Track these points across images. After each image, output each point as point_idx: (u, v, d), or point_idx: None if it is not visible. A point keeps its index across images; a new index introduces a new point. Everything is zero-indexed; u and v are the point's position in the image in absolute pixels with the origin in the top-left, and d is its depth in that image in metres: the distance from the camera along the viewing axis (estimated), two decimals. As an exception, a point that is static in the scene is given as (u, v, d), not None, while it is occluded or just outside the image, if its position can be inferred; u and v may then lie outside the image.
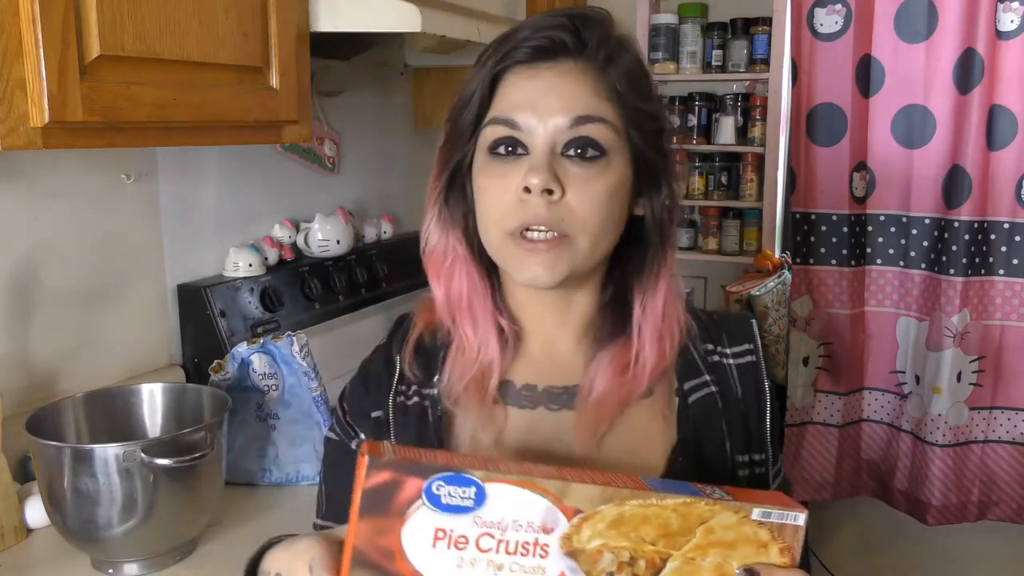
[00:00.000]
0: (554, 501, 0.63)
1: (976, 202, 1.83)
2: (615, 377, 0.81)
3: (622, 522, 0.64)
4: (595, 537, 0.63)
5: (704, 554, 0.65)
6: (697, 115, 2.44)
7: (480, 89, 0.78)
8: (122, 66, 1.02)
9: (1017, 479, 1.94)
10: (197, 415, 1.27)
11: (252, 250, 1.67)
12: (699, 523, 0.65)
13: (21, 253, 1.33)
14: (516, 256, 0.77)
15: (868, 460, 2.06)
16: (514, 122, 0.77)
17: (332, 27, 1.35)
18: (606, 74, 0.78)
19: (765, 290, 2.10)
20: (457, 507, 0.62)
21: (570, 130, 0.76)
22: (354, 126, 2.01)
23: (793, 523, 0.67)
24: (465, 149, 0.81)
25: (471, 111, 0.79)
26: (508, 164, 0.77)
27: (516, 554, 0.62)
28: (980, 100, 1.79)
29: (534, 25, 0.79)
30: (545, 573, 0.63)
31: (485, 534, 0.62)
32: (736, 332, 0.87)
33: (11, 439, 1.18)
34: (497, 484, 0.62)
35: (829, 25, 1.87)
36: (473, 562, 0.62)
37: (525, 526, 0.62)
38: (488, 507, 0.62)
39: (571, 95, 0.76)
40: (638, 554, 0.64)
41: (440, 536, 0.62)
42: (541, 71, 0.77)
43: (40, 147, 0.95)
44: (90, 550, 1.15)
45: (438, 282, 0.84)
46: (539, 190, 0.74)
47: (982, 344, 1.90)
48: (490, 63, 0.79)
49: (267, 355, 1.41)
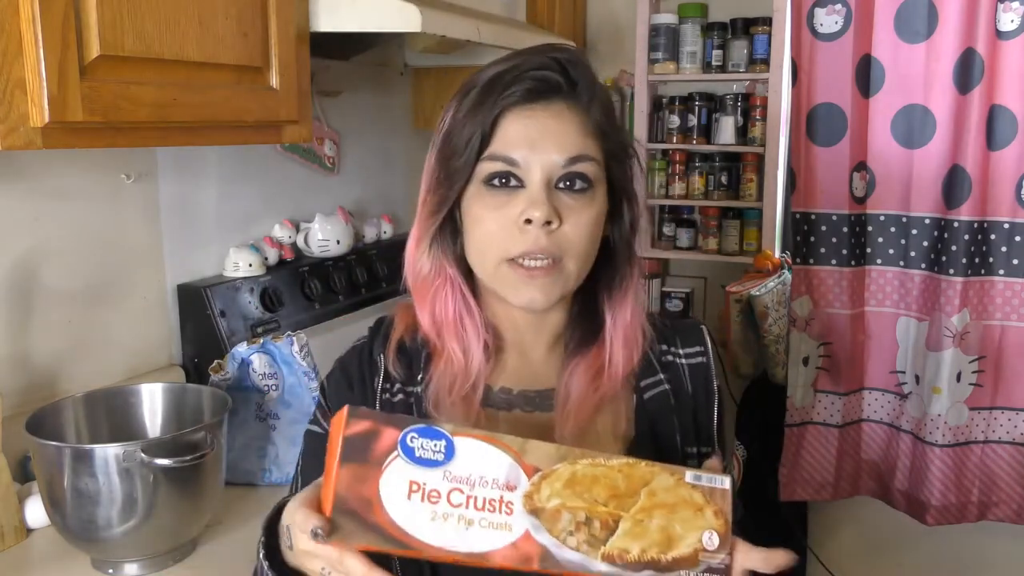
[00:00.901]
0: (515, 458, 0.70)
1: (976, 202, 1.83)
2: (590, 383, 0.88)
3: (575, 482, 0.71)
4: (553, 496, 0.70)
5: (650, 516, 0.72)
6: (697, 115, 2.44)
7: (481, 130, 0.82)
8: (122, 66, 1.02)
9: (1017, 479, 1.94)
10: (197, 415, 1.27)
11: (252, 250, 1.67)
12: (642, 485, 0.73)
13: (21, 253, 1.33)
14: (512, 281, 0.84)
15: (868, 460, 2.06)
16: (512, 160, 0.82)
17: (332, 27, 1.35)
18: (590, 113, 0.85)
19: (765, 290, 2.10)
20: (429, 460, 0.67)
21: (564, 167, 0.82)
22: (354, 126, 2.01)
23: (721, 487, 0.74)
24: (462, 185, 0.84)
25: (471, 150, 0.83)
26: (504, 196, 0.83)
27: (484, 510, 0.68)
28: (980, 100, 1.79)
29: (523, 67, 0.83)
30: (512, 530, 0.68)
31: (455, 489, 0.67)
32: (689, 336, 0.96)
33: (11, 439, 1.18)
34: (464, 438, 0.69)
35: (829, 25, 1.87)
36: (445, 516, 0.67)
37: (491, 483, 0.68)
38: (457, 462, 0.68)
39: (565, 135, 0.83)
40: (592, 515, 0.70)
41: (415, 489, 0.66)
42: (536, 111, 0.83)
43: (40, 147, 0.96)
44: (90, 550, 1.15)
45: (425, 304, 0.90)
46: (541, 223, 0.80)
47: (982, 344, 1.90)
48: (487, 105, 0.82)
49: (267, 355, 1.41)
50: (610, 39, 2.62)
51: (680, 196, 2.51)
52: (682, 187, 2.50)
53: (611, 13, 2.60)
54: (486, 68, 0.85)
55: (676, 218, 2.57)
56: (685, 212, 2.58)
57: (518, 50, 0.87)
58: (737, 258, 2.47)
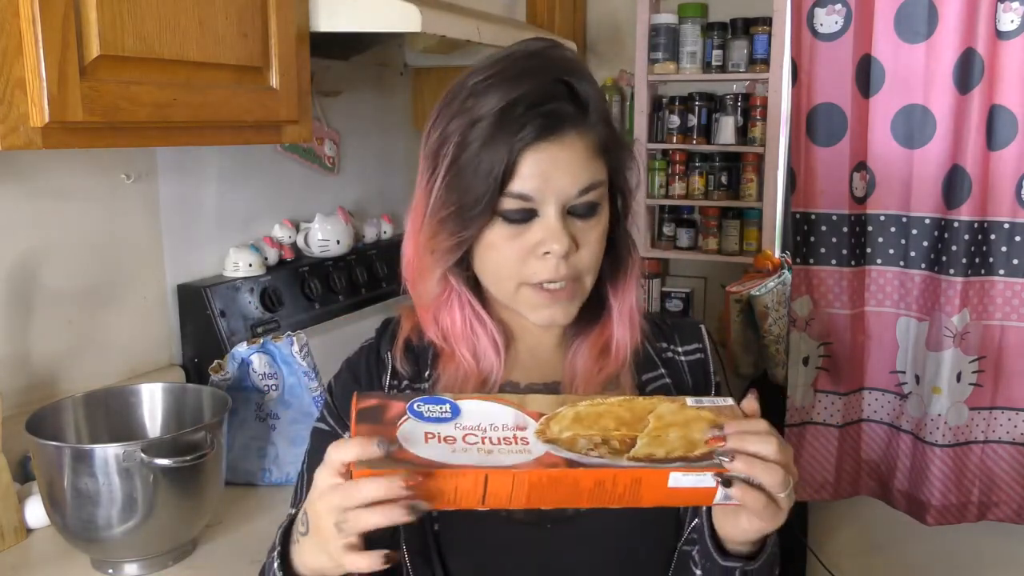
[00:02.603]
0: (518, 408, 0.73)
1: (976, 202, 1.83)
2: (595, 362, 0.90)
3: (581, 419, 0.73)
4: (565, 431, 0.72)
5: (666, 432, 0.73)
6: (697, 115, 2.44)
7: (502, 169, 0.81)
8: (122, 66, 1.02)
9: (1017, 479, 1.94)
10: (197, 415, 1.27)
11: (252, 250, 1.67)
12: (647, 413, 0.74)
13: (21, 253, 1.33)
14: (533, 302, 0.86)
15: (868, 460, 2.06)
16: (528, 196, 0.82)
17: (332, 27, 1.35)
18: (597, 132, 0.85)
19: (765, 290, 2.10)
20: (438, 418, 0.71)
21: (577, 197, 0.84)
22: (354, 126, 2.01)
23: (725, 403, 0.77)
24: (482, 220, 0.83)
25: (491, 192, 0.82)
26: (520, 226, 0.84)
27: (500, 444, 0.70)
28: (980, 100, 1.79)
29: (533, 99, 0.81)
30: (531, 452, 0.70)
31: (468, 433, 0.71)
32: (687, 334, 0.98)
33: (11, 439, 1.18)
34: (467, 400, 0.73)
35: (829, 25, 1.87)
36: (465, 449, 0.69)
37: (501, 427, 0.71)
38: (464, 416, 0.72)
39: (578, 166, 0.83)
40: (608, 437, 0.72)
41: (430, 436, 0.70)
42: (549, 147, 0.82)
43: (40, 147, 0.96)
44: (90, 550, 1.15)
45: (431, 317, 0.90)
46: (560, 255, 0.82)
47: (982, 344, 1.90)
48: (501, 142, 0.80)
49: (267, 355, 1.41)
50: (610, 39, 2.62)
51: (680, 196, 2.51)
52: (682, 187, 2.50)
53: (611, 13, 2.60)
54: (484, 86, 0.82)
55: (676, 218, 2.57)
56: (685, 212, 2.58)
57: (517, 61, 0.84)
58: (737, 258, 2.47)
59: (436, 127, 0.86)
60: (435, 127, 0.86)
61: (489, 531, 0.86)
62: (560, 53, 0.87)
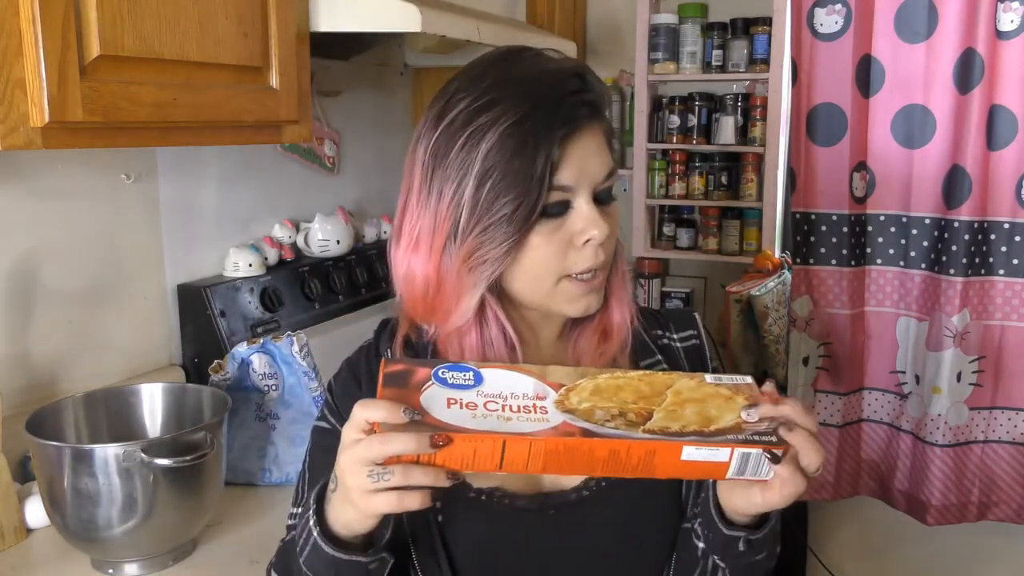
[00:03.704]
0: (538, 378, 0.76)
1: (976, 202, 1.83)
2: (596, 346, 0.92)
3: (600, 391, 0.75)
4: (583, 402, 0.74)
5: (682, 407, 0.74)
6: (697, 115, 2.44)
7: (544, 164, 0.81)
8: (122, 66, 1.02)
9: (1017, 479, 1.94)
10: (197, 415, 1.27)
11: (252, 250, 1.67)
12: (666, 388, 0.76)
13: (21, 253, 1.33)
14: (572, 294, 0.87)
15: (868, 460, 2.06)
16: (569, 187, 0.84)
17: (332, 27, 1.35)
18: (606, 121, 0.88)
19: (765, 290, 2.10)
20: (461, 385, 0.74)
21: (603, 184, 0.87)
22: (354, 126, 2.01)
23: (744, 382, 0.78)
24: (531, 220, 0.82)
25: (540, 184, 0.81)
26: (558, 220, 0.84)
27: (520, 412, 0.72)
28: (980, 100, 1.79)
29: (558, 94, 0.83)
30: (549, 421, 0.71)
31: (489, 401, 0.73)
32: (680, 321, 1.01)
33: (11, 439, 1.18)
34: (489, 369, 0.76)
35: (829, 25, 1.87)
36: (485, 416, 0.71)
37: (521, 396, 0.74)
38: (486, 384, 0.74)
39: (601, 154, 0.86)
40: (625, 409, 0.73)
41: (452, 402, 0.72)
42: (582, 136, 0.84)
43: (40, 147, 0.96)
44: (90, 550, 1.15)
45: (458, 342, 0.88)
46: (601, 240, 0.85)
47: (982, 344, 1.90)
48: (543, 138, 0.80)
49: (267, 355, 1.41)
50: (610, 39, 2.62)
51: (680, 196, 2.51)
52: (682, 187, 2.50)
53: (611, 13, 2.60)
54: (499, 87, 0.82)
55: (676, 218, 2.57)
56: (685, 212, 2.58)
57: (502, 57, 0.86)
58: (737, 258, 2.47)
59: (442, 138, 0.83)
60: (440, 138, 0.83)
61: (492, 518, 0.87)
62: (564, 60, 0.89)
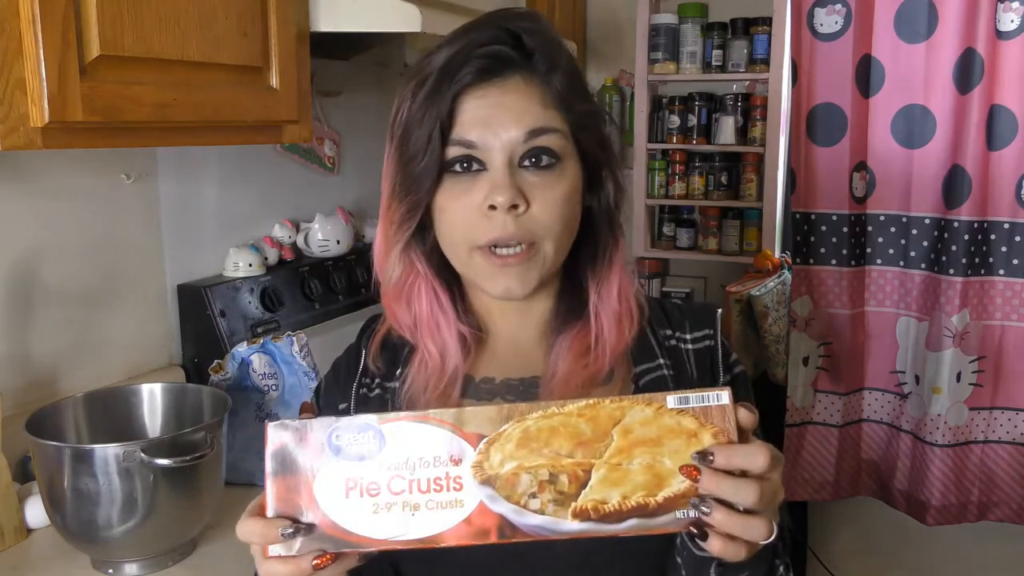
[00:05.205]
0: (453, 430, 0.62)
1: (976, 202, 1.83)
2: (576, 360, 0.83)
3: (530, 439, 0.62)
4: (507, 460, 0.62)
5: (629, 457, 0.61)
6: (697, 115, 2.44)
7: (439, 123, 0.77)
8: (122, 66, 1.02)
9: (1017, 479, 1.94)
10: (197, 415, 1.27)
11: (252, 250, 1.67)
12: (613, 425, 0.62)
13: (21, 253, 1.33)
14: (487, 271, 0.80)
15: (868, 460, 2.06)
16: (470, 142, 0.78)
17: (332, 27, 1.35)
18: (550, 83, 0.80)
19: (765, 290, 2.10)
20: (359, 456, 0.63)
21: (525, 143, 0.78)
22: (354, 126, 2.01)
23: (717, 403, 0.62)
24: (431, 185, 0.80)
25: (433, 149, 0.78)
26: (468, 181, 0.79)
27: (430, 491, 0.62)
28: (980, 100, 1.79)
29: (472, 45, 0.78)
30: (464, 505, 0.62)
31: (395, 476, 0.62)
32: (698, 319, 0.90)
33: (11, 439, 1.18)
34: (393, 423, 0.63)
35: (829, 25, 1.87)
36: (389, 506, 0.62)
37: (432, 461, 0.62)
38: (390, 448, 0.63)
39: (522, 109, 0.78)
40: (557, 470, 0.61)
41: (351, 486, 0.62)
42: (490, 90, 0.78)
43: (40, 147, 0.95)
44: (90, 550, 1.15)
45: (399, 306, 0.86)
46: (505, 207, 0.76)
47: (982, 344, 1.90)
48: (441, 94, 0.77)
49: (267, 355, 1.41)
50: (610, 39, 2.62)
51: (680, 196, 2.51)
52: (682, 187, 2.50)
53: (611, 13, 2.60)
54: (436, 51, 0.79)
55: (676, 218, 2.57)
56: (685, 212, 2.58)
57: (470, 23, 0.81)
58: (737, 258, 2.47)
59: (395, 102, 0.83)
60: (395, 102, 0.83)
61: (452, 563, 0.81)
62: (517, 12, 0.83)
